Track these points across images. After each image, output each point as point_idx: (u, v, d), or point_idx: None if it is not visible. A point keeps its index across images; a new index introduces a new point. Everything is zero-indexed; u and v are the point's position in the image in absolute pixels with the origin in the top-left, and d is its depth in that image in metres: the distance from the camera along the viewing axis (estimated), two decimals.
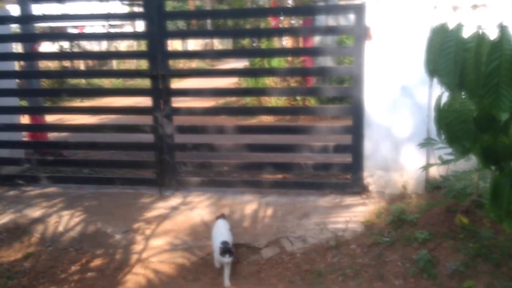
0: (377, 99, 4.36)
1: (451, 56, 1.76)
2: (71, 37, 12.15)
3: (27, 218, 4.45)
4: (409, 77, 4.24)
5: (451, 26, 1.81)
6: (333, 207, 4.44)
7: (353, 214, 4.26)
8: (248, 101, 10.18)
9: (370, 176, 4.56)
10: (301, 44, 11.22)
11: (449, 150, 3.59)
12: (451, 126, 1.97)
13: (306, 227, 4.12)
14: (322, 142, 4.69)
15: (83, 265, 3.76)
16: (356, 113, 4.44)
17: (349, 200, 4.55)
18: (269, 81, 10.63)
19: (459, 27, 1.82)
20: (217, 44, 29.66)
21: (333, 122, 4.71)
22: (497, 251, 3.37)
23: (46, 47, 15.60)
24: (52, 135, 7.13)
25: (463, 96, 1.90)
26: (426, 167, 3.83)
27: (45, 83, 13.07)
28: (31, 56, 6.30)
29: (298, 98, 9.05)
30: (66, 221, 4.35)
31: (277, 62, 10.85)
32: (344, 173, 4.96)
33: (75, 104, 11.13)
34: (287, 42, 11.46)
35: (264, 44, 12.39)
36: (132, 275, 3.62)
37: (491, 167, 1.96)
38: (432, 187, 4.40)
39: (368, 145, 4.48)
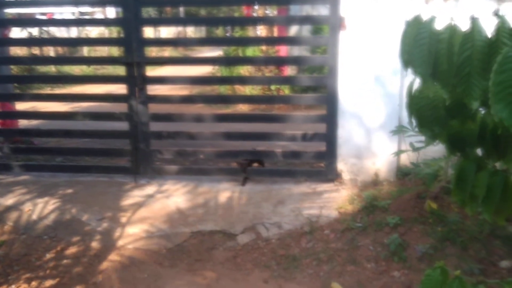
0: (351, 88, 4.45)
1: (425, 47, 1.83)
2: (41, 23, 11.85)
3: (0, 206, 4.38)
4: (382, 67, 4.35)
5: (424, 18, 1.89)
6: (308, 194, 4.53)
7: (327, 200, 4.36)
8: (223, 90, 10.20)
9: (344, 164, 4.66)
10: (275, 34, 11.25)
11: (420, 138, 3.72)
12: (422, 111, 2.06)
13: (281, 214, 4.20)
14: (297, 130, 4.76)
15: (58, 253, 3.74)
16: (330, 102, 4.52)
17: (323, 187, 4.64)
18: (244, 71, 10.66)
19: (432, 19, 1.89)
20: (190, 33, 29.38)
21: (306, 111, 4.78)
22: (464, 234, 3.52)
23: (15, 33, 15.17)
24: (23, 123, 7.00)
25: (436, 85, 1.98)
26: (398, 153, 3.96)
27: (14, 70, 12.75)
28: (0, 42, 6.14)
29: (273, 87, 9.11)
30: (40, 209, 4.31)
31: (251, 52, 10.86)
32: (318, 161, 5.05)
33: (47, 92, 10.92)
34: (261, 31, 11.47)
35: (238, 33, 12.39)
36: (108, 262, 3.63)
37: (457, 153, 2.06)
38: (403, 174, 4.54)
39: (341, 133, 4.58)
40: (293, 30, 11.05)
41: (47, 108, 6.87)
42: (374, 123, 4.48)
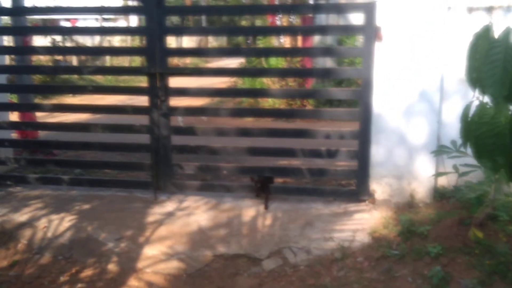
0: (386, 103, 4.16)
1: (499, 63, 1.55)
2: (64, 31, 11.80)
3: (14, 222, 4.20)
4: (421, 81, 4.06)
5: (474, 29, 1.61)
6: (338, 215, 4.24)
7: (359, 223, 4.06)
8: (244, 100, 9.96)
9: (376, 183, 4.36)
10: (299, 44, 11.00)
11: (464, 159, 3.42)
12: (482, 138, 1.78)
13: (309, 237, 3.91)
14: (326, 146, 4.47)
15: (73, 276, 3.52)
16: (364, 118, 4.23)
17: (354, 208, 4.34)
18: (267, 81, 10.43)
19: (508, 32, 1.61)
20: (212, 41, 29.37)
21: (334, 126, 4.50)
22: None
23: (38, 41, 15.26)
24: (42, 133, 6.86)
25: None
26: (439, 175, 3.63)
27: (37, 78, 12.74)
28: (22, 50, 6.03)
29: (297, 100, 8.87)
30: (55, 226, 4.11)
31: (275, 61, 10.64)
32: (349, 179, 4.76)
33: (67, 101, 10.84)
34: (284, 41, 11.23)
35: (261, 42, 12.18)
36: (125, 287, 3.39)
37: None
38: (440, 196, 4.22)
39: (374, 151, 4.28)
40: (315, 40, 10.78)
41: (63, 117, 6.75)
42: (410, 140, 4.17)
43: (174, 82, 4.51)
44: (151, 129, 4.55)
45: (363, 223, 4.06)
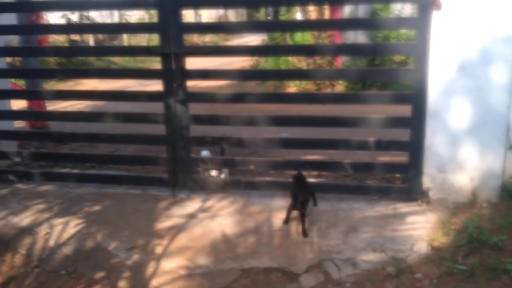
0: (444, 84, 3.46)
1: None
2: (68, 6, 11.04)
3: (13, 227, 3.68)
4: (485, 58, 3.33)
5: None
6: (386, 217, 3.60)
7: (413, 228, 3.42)
8: (266, 82, 9.25)
9: (431, 180, 3.69)
10: (326, 16, 10.17)
11: None
12: None
13: (355, 246, 3.29)
14: (371, 136, 3.81)
15: None
16: (417, 102, 3.54)
17: (404, 209, 3.69)
18: (292, 59, 9.71)
19: None
20: (231, 18, 28.41)
21: (375, 111, 3.81)
22: None
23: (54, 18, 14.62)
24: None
25: None
26: None
27: (53, 61, 12.18)
28: (27, 29, 5.44)
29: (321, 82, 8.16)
30: (58, 232, 3.58)
31: (300, 38, 9.89)
32: (398, 174, 4.10)
33: (80, 85, 10.30)
34: (311, 13, 10.40)
35: (284, 16, 11.43)
36: None
37: None
38: (509, 195, 3.54)
39: (429, 141, 3.61)
40: (345, 12, 9.93)
41: (67, 105, 6.22)
42: (473, 129, 3.47)
43: (190, 63, 3.88)
44: (166, 118, 3.95)
45: (417, 228, 3.42)
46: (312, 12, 10.39)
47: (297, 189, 3.53)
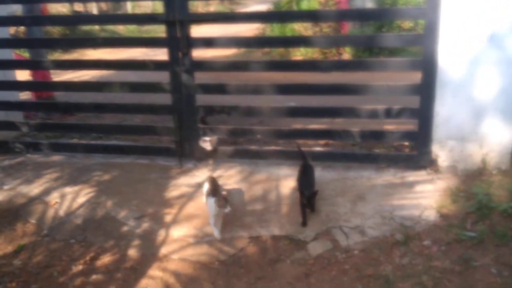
0: (454, 51, 3.38)
1: None
2: None
3: (23, 196, 3.71)
4: (495, 23, 3.24)
5: None
6: (394, 186, 3.58)
7: (421, 196, 3.40)
8: (273, 50, 9.11)
9: (440, 147, 3.65)
10: None
11: None
12: None
13: (363, 214, 3.28)
14: (380, 104, 3.76)
15: (87, 264, 3.01)
16: (427, 69, 3.47)
17: (413, 176, 3.67)
18: (298, 27, 9.54)
19: None
20: None
21: (382, 78, 3.74)
22: None
23: None
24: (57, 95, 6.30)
25: None
26: None
27: (56, 31, 12.04)
28: None
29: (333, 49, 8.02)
30: (68, 202, 3.60)
31: (306, 5, 9.70)
32: (407, 142, 4.06)
33: (74, 58, 10.15)
34: None
35: None
36: (147, 279, 2.87)
37: None
38: None
39: (439, 109, 3.55)
40: None
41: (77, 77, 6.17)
42: (483, 96, 3.41)
43: (195, 31, 3.81)
44: (172, 88, 3.91)
45: (426, 196, 3.40)
46: None
47: (304, 183, 3.36)
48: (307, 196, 3.14)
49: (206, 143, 3.95)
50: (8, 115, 4.60)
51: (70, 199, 3.63)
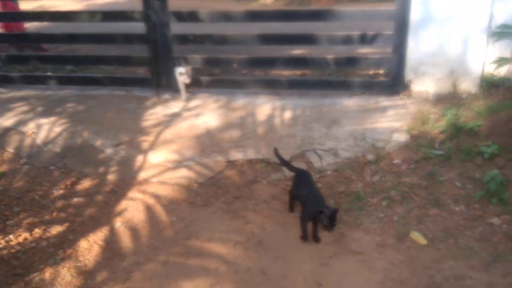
0: None
1: None
2: None
3: None
4: None
5: None
6: (368, 111, 3.67)
7: (393, 119, 3.50)
8: None
9: (413, 73, 3.72)
10: None
11: None
12: None
13: (337, 137, 3.38)
14: (354, 30, 3.77)
15: (68, 188, 3.08)
16: None
17: (386, 102, 3.76)
18: None
19: None
20: None
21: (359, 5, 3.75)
22: None
23: None
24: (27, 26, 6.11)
25: None
26: (502, 62, 2.94)
27: None
28: None
29: None
30: (45, 131, 3.60)
31: None
32: (380, 68, 4.12)
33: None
34: None
35: None
36: (128, 200, 2.95)
37: None
38: (488, 86, 3.59)
39: (412, 35, 3.58)
40: None
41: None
42: (454, 20, 3.45)
43: None
44: (146, 16, 3.84)
45: (398, 119, 3.50)
46: None
47: (312, 198, 2.64)
48: (329, 215, 2.44)
49: (183, 76, 3.91)
50: None
51: (47, 129, 3.63)
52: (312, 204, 2.59)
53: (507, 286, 2.21)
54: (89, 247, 2.57)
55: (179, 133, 3.52)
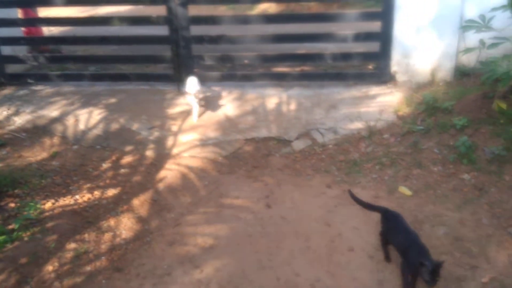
0: None
1: None
2: None
3: (45, 118, 4.29)
4: None
5: None
6: (360, 98, 4.34)
7: (382, 104, 4.17)
8: None
9: (398, 65, 4.40)
10: None
11: (490, 34, 3.46)
12: None
13: (335, 119, 4.04)
14: (347, 30, 4.45)
15: (114, 162, 3.69)
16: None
17: (375, 90, 4.43)
18: None
19: None
20: None
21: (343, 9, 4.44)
22: None
23: None
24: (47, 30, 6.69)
25: None
26: (467, 51, 3.64)
27: None
28: None
29: None
30: (85, 120, 4.21)
31: None
32: (370, 62, 4.79)
33: None
34: None
35: None
36: (166, 170, 3.57)
37: None
38: (461, 74, 4.28)
39: (396, 32, 4.27)
40: None
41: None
42: (432, 20, 4.14)
43: None
44: (169, 20, 4.47)
45: (386, 103, 4.17)
46: None
47: (417, 248, 2.36)
48: (431, 269, 2.17)
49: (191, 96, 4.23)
50: (15, 50, 5.06)
51: (87, 117, 4.24)
52: (414, 254, 2.32)
53: (474, 221, 2.87)
54: (141, 204, 3.18)
55: (202, 118, 4.15)
